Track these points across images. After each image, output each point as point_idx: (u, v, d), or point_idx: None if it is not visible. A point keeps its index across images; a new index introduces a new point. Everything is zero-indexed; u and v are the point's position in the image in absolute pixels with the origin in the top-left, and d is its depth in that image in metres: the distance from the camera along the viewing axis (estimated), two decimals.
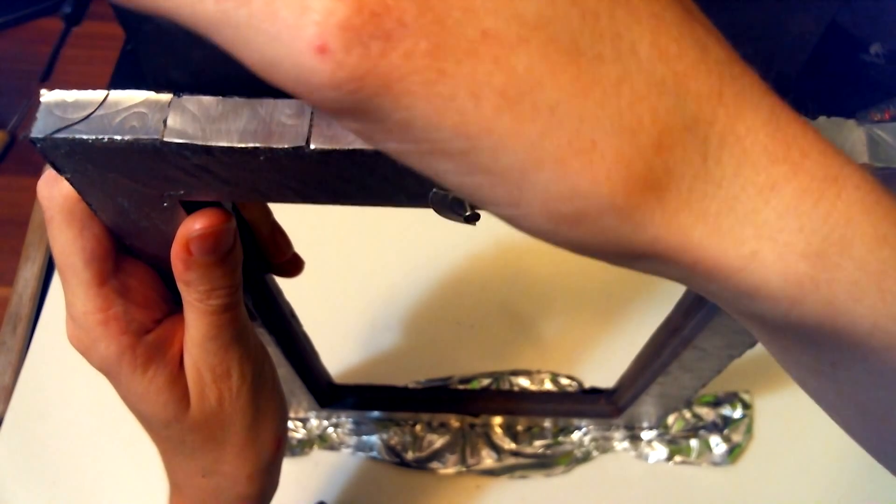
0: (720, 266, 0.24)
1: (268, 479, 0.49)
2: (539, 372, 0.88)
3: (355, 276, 0.94)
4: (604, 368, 0.87)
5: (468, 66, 0.20)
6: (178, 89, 0.31)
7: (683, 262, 0.24)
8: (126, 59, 1.11)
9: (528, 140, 0.21)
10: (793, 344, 0.29)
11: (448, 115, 0.20)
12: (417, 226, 0.96)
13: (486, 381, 0.88)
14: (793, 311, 0.25)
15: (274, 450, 0.48)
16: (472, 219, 0.34)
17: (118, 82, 1.09)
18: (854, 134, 0.32)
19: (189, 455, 0.45)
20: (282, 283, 0.56)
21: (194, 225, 0.36)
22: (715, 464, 0.83)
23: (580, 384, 0.88)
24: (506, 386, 0.88)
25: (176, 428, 0.43)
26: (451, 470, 0.83)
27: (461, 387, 0.87)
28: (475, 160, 0.21)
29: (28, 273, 0.94)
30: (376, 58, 0.19)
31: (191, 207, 0.37)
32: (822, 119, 0.32)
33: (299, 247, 0.53)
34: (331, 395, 0.81)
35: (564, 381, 0.88)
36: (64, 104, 0.31)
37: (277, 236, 0.50)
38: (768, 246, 0.23)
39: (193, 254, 0.37)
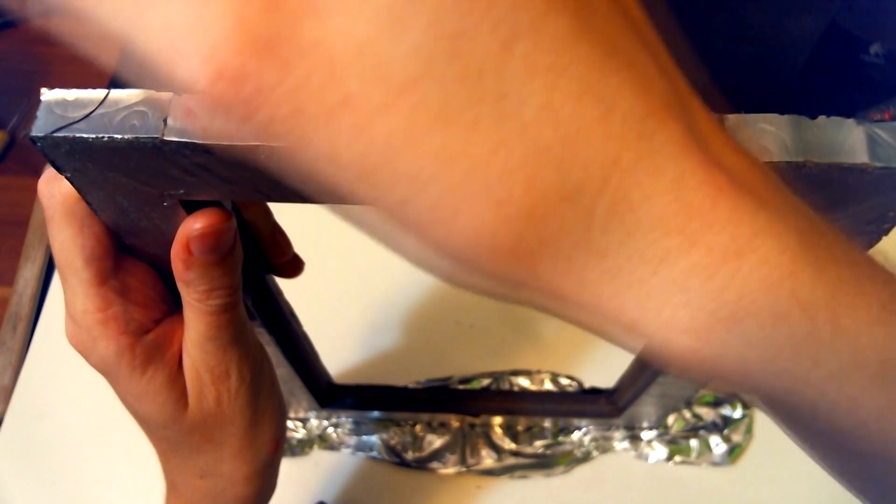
0: (603, 324, 0.24)
1: (265, 481, 0.49)
2: (539, 372, 0.88)
3: (355, 276, 0.94)
4: (604, 368, 0.87)
5: (327, 133, 0.20)
6: None
7: (570, 314, 0.24)
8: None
9: (389, 205, 0.21)
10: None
11: (314, 175, 0.21)
12: None
13: (486, 381, 0.88)
14: (685, 371, 0.24)
15: (272, 451, 0.48)
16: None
17: (118, 83, 1.09)
18: (853, 133, 0.32)
19: (187, 456, 0.45)
20: (282, 282, 0.56)
21: (195, 224, 0.36)
22: (715, 464, 0.83)
23: (580, 384, 0.87)
24: (506, 386, 0.88)
25: (174, 428, 0.43)
26: (451, 470, 0.83)
27: (461, 387, 0.87)
28: (353, 213, 0.22)
29: (28, 273, 0.94)
30: (238, 123, 0.20)
31: (191, 207, 0.37)
32: (821, 119, 0.32)
33: (299, 246, 0.53)
34: (331, 394, 0.81)
35: (564, 381, 0.88)
36: (64, 103, 0.31)
37: (278, 237, 0.50)
38: (650, 317, 0.23)
39: (193, 253, 0.37)
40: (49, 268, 0.95)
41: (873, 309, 0.24)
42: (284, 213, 0.48)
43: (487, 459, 0.83)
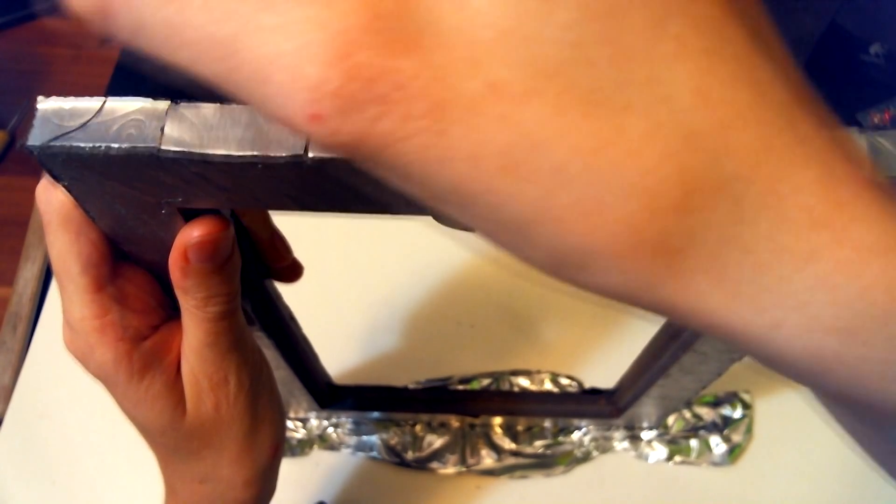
0: (737, 332, 0.22)
1: (265, 485, 0.49)
2: (539, 372, 0.88)
3: (355, 277, 0.94)
4: (604, 369, 0.87)
5: (468, 125, 0.18)
6: (179, 90, 0.31)
7: (698, 324, 0.22)
8: (126, 60, 1.11)
9: (529, 200, 0.19)
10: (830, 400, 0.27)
11: (444, 175, 0.19)
12: (417, 226, 0.96)
13: (486, 382, 0.88)
14: (819, 381, 0.23)
15: (271, 456, 0.48)
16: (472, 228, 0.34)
17: (118, 83, 1.09)
18: (856, 143, 0.32)
19: (186, 460, 0.45)
20: (281, 284, 0.56)
21: (192, 233, 0.36)
22: (715, 464, 0.83)
23: (580, 384, 0.87)
24: (506, 386, 0.87)
25: (172, 435, 0.43)
26: (451, 470, 0.83)
27: (461, 387, 0.87)
28: (475, 211, 0.20)
29: (28, 273, 0.94)
30: (372, 122, 0.18)
31: (189, 215, 0.36)
32: None
33: (299, 247, 0.53)
34: (330, 395, 0.81)
35: (564, 382, 0.88)
36: (61, 112, 0.31)
37: (277, 242, 0.50)
38: (793, 318, 0.21)
39: (191, 261, 0.37)
40: (49, 268, 0.95)
41: None
42: (283, 216, 0.48)
43: (487, 459, 0.83)
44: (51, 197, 0.37)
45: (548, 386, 0.88)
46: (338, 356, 0.87)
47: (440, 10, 0.18)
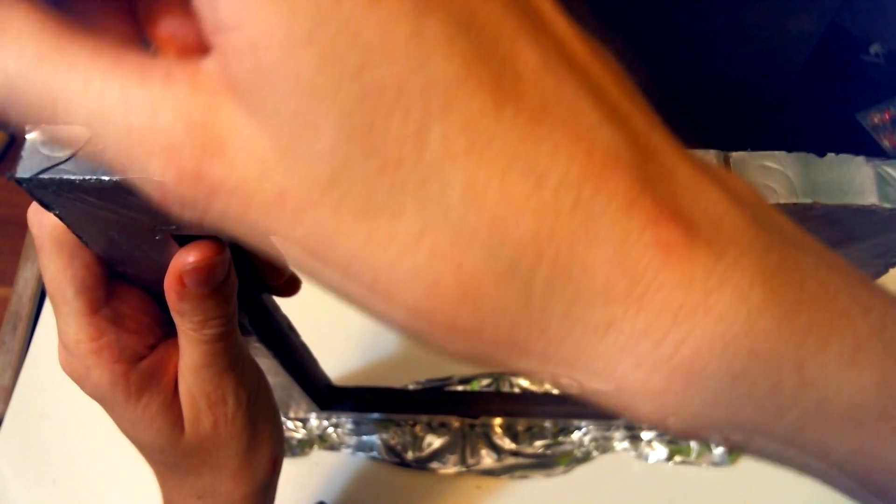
0: (564, 385, 0.24)
1: (263, 500, 0.49)
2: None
3: None
4: None
5: (271, 219, 0.21)
6: None
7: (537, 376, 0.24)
8: None
9: (335, 280, 0.22)
10: None
11: (272, 251, 0.23)
12: None
13: (485, 382, 0.88)
14: (652, 427, 0.24)
15: (270, 471, 0.48)
16: None
17: None
18: (862, 172, 0.31)
19: (184, 477, 0.45)
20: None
21: (188, 258, 0.36)
22: (715, 464, 0.83)
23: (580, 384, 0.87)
24: (506, 387, 0.87)
25: (171, 453, 0.43)
26: (451, 470, 0.83)
27: (461, 387, 0.87)
28: (309, 279, 0.24)
29: (28, 273, 0.94)
30: (204, 208, 0.22)
31: (183, 239, 0.36)
32: (829, 156, 0.31)
33: None
34: (330, 397, 0.81)
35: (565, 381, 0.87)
36: (50, 142, 0.31)
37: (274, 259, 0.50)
38: (603, 381, 0.22)
39: (187, 286, 0.36)
40: None
41: (845, 350, 0.23)
42: None
43: (487, 459, 0.83)
44: (43, 220, 0.37)
45: (548, 386, 0.88)
46: (337, 358, 0.87)
47: (235, 126, 0.20)
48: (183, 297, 0.37)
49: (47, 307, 0.92)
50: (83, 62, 0.21)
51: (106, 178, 0.30)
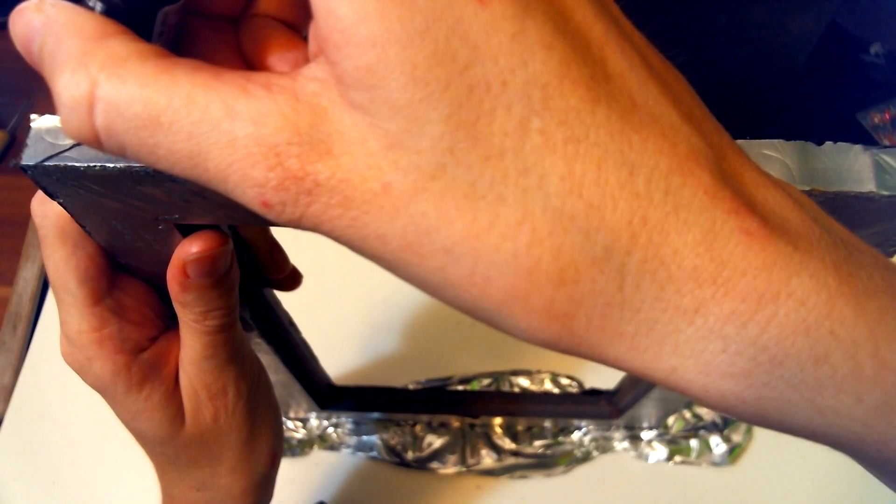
0: (645, 375, 0.24)
1: (262, 493, 0.49)
2: (539, 372, 0.88)
3: (355, 278, 0.94)
4: (604, 369, 0.86)
5: (371, 214, 0.22)
6: None
7: (607, 364, 0.25)
8: None
9: (430, 271, 0.23)
10: None
11: (366, 248, 0.23)
12: None
13: (486, 382, 0.88)
14: (729, 414, 0.25)
15: (269, 465, 0.48)
16: None
17: None
18: (860, 160, 0.31)
19: (184, 469, 0.45)
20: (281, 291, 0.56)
21: (191, 248, 0.36)
22: (715, 464, 0.83)
23: (580, 384, 0.87)
24: (506, 386, 0.87)
25: (171, 444, 0.43)
26: (451, 470, 0.83)
27: (461, 387, 0.87)
28: (399, 274, 0.24)
29: (28, 273, 0.94)
30: (304, 208, 0.23)
31: (186, 229, 0.36)
32: (828, 145, 0.32)
33: (298, 247, 0.52)
34: (330, 396, 0.81)
35: (565, 382, 0.88)
36: (55, 130, 0.31)
37: (276, 254, 0.50)
38: (689, 364, 0.23)
39: (190, 276, 0.37)
40: None
41: None
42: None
43: (487, 459, 0.83)
44: (46, 210, 0.37)
45: (548, 386, 0.88)
46: (338, 357, 0.87)
47: (343, 125, 0.22)
48: (186, 288, 0.37)
49: (47, 307, 0.92)
50: (184, 79, 0.22)
51: (110, 165, 0.30)
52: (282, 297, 0.58)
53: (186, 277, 0.37)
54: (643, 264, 0.22)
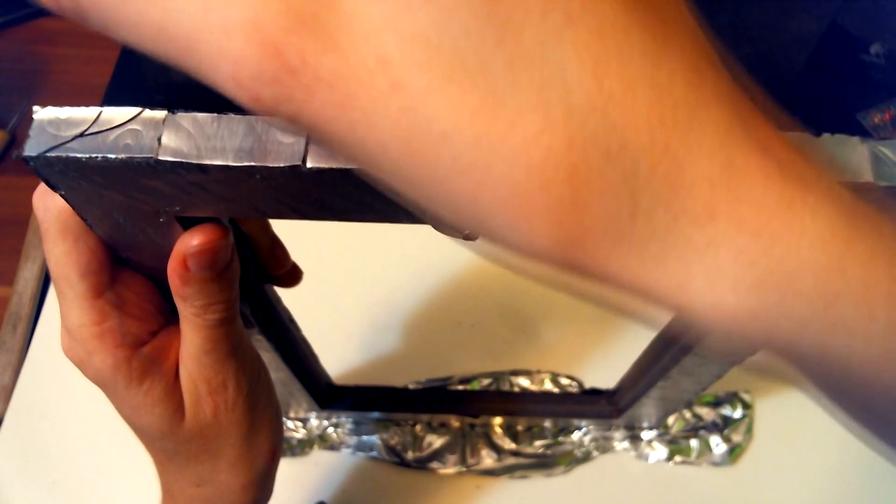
0: (651, 291, 0.23)
1: (262, 489, 0.49)
2: (539, 372, 0.88)
3: (355, 277, 0.94)
4: (604, 369, 0.87)
5: (366, 94, 0.20)
6: (178, 90, 0.31)
7: (616, 285, 0.24)
8: (125, 60, 1.11)
9: (432, 182, 0.21)
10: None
11: (360, 156, 0.22)
12: (418, 227, 0.95)
13: (486, 382, 0.88)
14: (739, 339, 0.24)
15: (269, 460, 0.48)
16: (472, 237, 0.34)
17: (118, 83, 1.09)
18: (858, 151, 0.31)
19: (183, 465, 0.45)
20: (281, 288, 0.56)
21: (192, 241, 0.36)
22: (715, 464, 0.83)
23: (580, 384, 0.87)
24: (506, 386, 0.87)
25: (171, 439, 0.43)
26: (451, 470, 0.83)
27: (461, 387, 0.87)
28: (393, 183, 0.23)
29: (28, 273, 0.94)
30: (288, 90, 0.20)
31: (187, 222, 0.36)
32: (825, 136, 0.32)
33: (299, 247, 0.53)
34: (330, 396, 0.81)
35: (565, 382, 0.88)
36: (57, 122, 0.31)
37: (276, 250, 0.50)
38: (699, 275, 0.23)
39: (191, 269, 0.37)
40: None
41: None
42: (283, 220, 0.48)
43: (487, 459, 0.83)
44: (48, 204, 0.37)
45: (548, 386, 0.88)
46: (338, 356, 0.87)
47: (356, 10, 0.19)
48: (186, 281, 0.37)
49: (47, 307, 0.92)
50: None
51: (112, 156, 0.30)
52: (282, 296, 0.58)
53: (187, 271, 0.37)
54: (657, 165, 0.21)
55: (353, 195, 0.33)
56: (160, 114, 0.31)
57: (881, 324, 0.23)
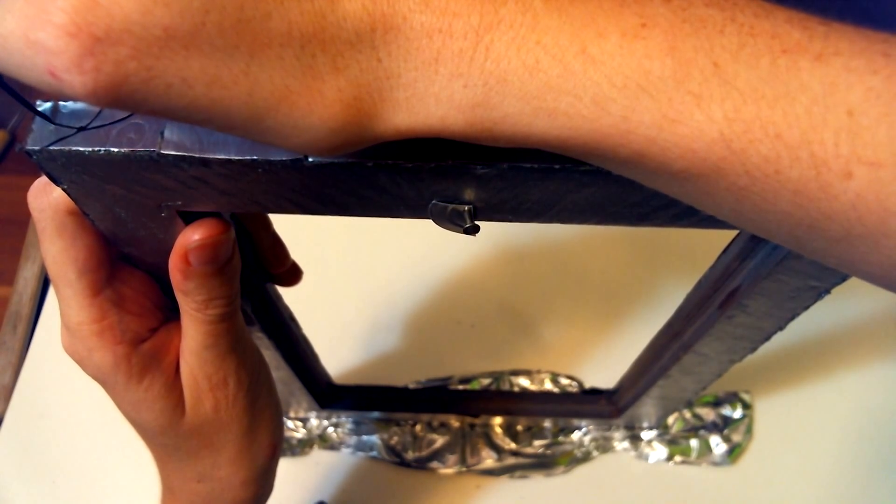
0: (425, 131, 0.27)
1: (262, 485, 0.49)
2: (539, 372, 0.88)
3: (355, 276, 0.94)
4: (604, 369, 0.87)
5: (165, 60, 0.23)
6: None
7: (398, 136, 0.28)
8: None
9: (240, 101, 0.25)
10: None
11: (178, 100, 0.24)
12: (418, 225, 0.95)
13: (486, 381, 0.88)
14: (482, 140, 0.28)
15: (269, 456, 0.48)
16: (472, 230, 0.34)
17: None
18: None
19: (184, 461, 0.45)
20: (281, 287, 0.56)
21: (193, 235, 0.36)
22: (715, 464, 0.83)
23: (580, 384, 0.87)
24: (506, 386, 0.88)
25: (171, 435, 0.43)
26: (451, 470, 0.83)
27: (461, 387, 0.87)
28: (219, 124, 0.26)
29: (28, 273, 0.94)
30: (93, 72, 0.22)
31: (189, 217, 0.36)
32: None
33: (299, 247, 0.53)
34: (330, 395, 0.81)
35: (564, 382, 0.88)
36: (59, 116, 0.31)
37: (277, 249, 0.50)
38: (449, 109, 0.27)
39: (192, 264, 0.37)
40: None
41: (629, 28, 0.25)
42: (282, 218, 0.48)
43: (487, 459, 0.83)
44: (44, 203, 0.37)
45: (548, 386, 0.88)
46: (338, 356, 0.87)
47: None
48: (188, 276, 0.37)
49: (47, 307, 0.92)
50: None
51: (114, 149, 0.30)
52: (282, 295, 0.58)
53: (189, 265, 0.37)
54: (386, 35, 0.25)
55: (355, 190, 0.33)
56: None
57: (579, 75, 0.26)
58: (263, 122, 0.26)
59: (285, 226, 0.51)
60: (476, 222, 0.34)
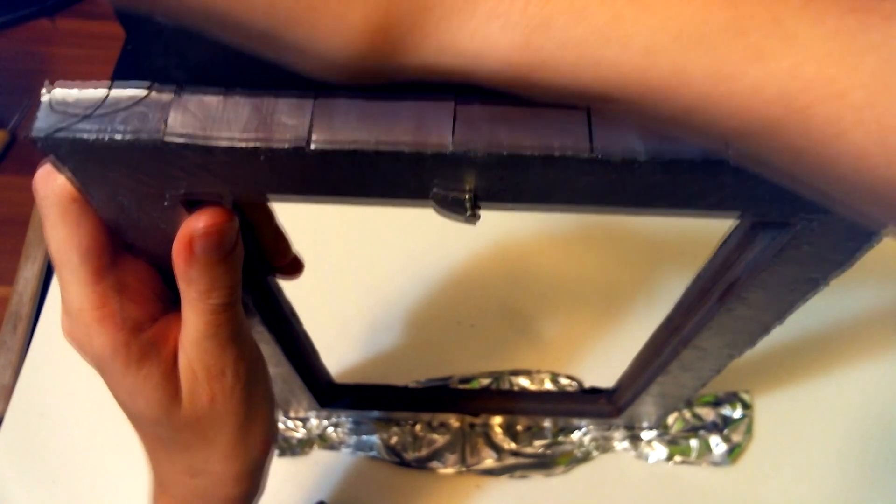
0: (451, 68, 0.27)
1: (254, 481, 0.49)
2: (539, 372, 0.88)
3: (355, 276, 0.94)
4: (604, 368, 0.87)
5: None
6: (179, 81, 0.32)
7: (419, 72, 0.27)
8: (126, 59, 1.11)
9: (262, 8, 0.25)
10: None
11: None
12: (418, 225, 0.96)
13: (486, 381, 0.88)
14: (520, 84, 0.27)
15: (263, 451, 0.48)
16: (472, 218, 0.34)
17: (120, 77, 1.09)
18: None
19: (177, 453, 0.45)
20: (282, 281, 0.56)
21: (197, 223, 0.36)
22: (715, 464, 0.83)
23: (580, 384, 0.88)
24: (506, 386, 0.88)
25: (166, 425, 0.43)
26: (451, 470, 0.83)
27: (461, 386, 0.87)
28: (236, 32, 0.26)
29: (28, 273, 0.94)
30: None
31: (192, 205, 0.37)
32: None
33: (300, 245, 0.53)
34: (331, 394, 0.81)
35: (564, 381, 0.88)
36: (65, 102, 0.31)
37: (279, 241, 0.50)
38: (484, 45, 0.26)
39: (196, 251, 0.37)
40: (49, 267, 0.95)
41: None
42: (284, 211, 0.48)
43: (487, 459, 0.83)
44: (48, 188, 0.37)
45: (548, 385, 0.88)
46: (338, 355, 0.87)
47: None
48: (191, 263, 0.37)
49: (47, 307, 0.92)
50: None
51: (118, 136, 0.31)
52: (284, 283, 0.58)
53: (192, 253, 0.37)
54: None
55: (357, 176, 0.33)
56: (167, 95, 0.32)
57: (630, 23, 0.25)
58: (283, 38, 0.25)
59: (287, 222, 0.51)
60: (477, 211, 0.34)
